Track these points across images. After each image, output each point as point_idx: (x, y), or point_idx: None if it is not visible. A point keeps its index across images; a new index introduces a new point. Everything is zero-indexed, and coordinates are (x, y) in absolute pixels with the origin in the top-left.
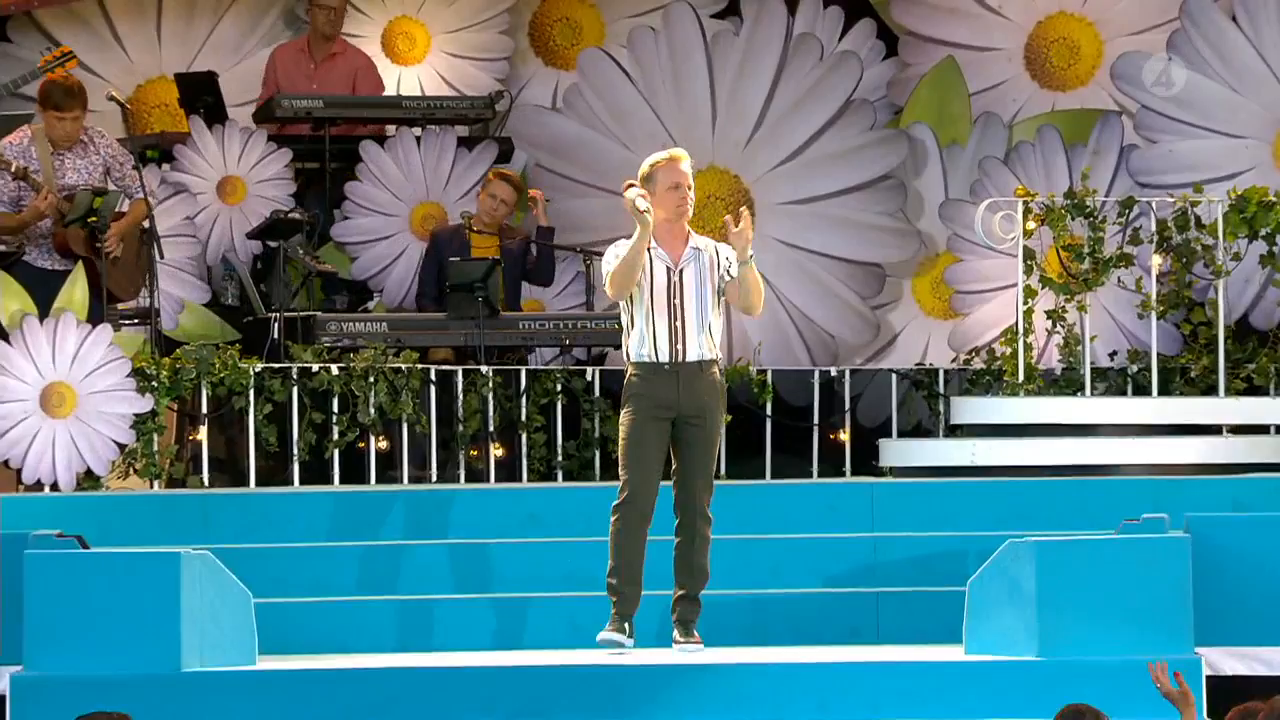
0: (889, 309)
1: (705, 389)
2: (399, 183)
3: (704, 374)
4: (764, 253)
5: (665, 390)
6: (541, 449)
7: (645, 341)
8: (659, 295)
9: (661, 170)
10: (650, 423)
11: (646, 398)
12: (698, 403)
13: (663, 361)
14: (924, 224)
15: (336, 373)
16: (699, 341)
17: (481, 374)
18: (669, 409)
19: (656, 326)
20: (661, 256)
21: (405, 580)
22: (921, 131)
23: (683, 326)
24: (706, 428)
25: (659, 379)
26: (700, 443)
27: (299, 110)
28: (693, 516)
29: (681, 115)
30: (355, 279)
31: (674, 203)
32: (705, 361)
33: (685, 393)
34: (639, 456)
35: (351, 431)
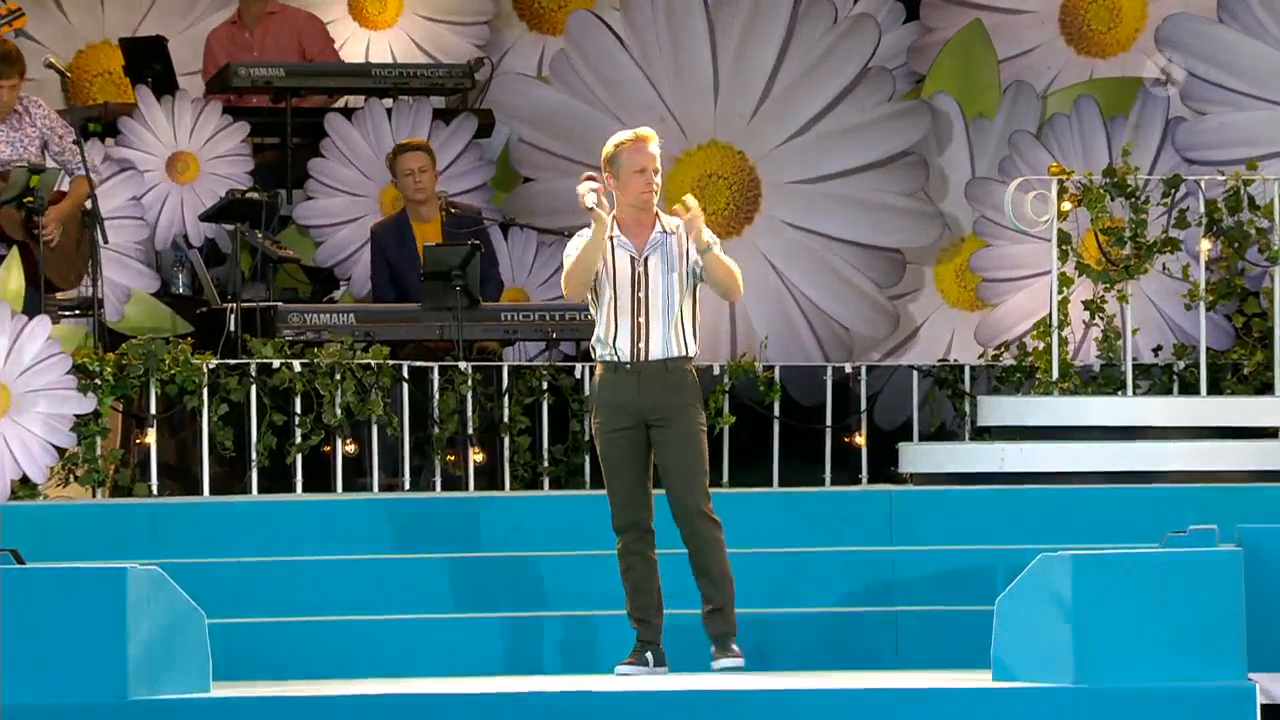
0: (909, 299)
1: (667, 387)
2: (368, 160)
3: (668, 373)
4: (771, 237)
5: (626, 393)
6: (526, 454)
7: (607, 340)
8: (622, 288)
9: (626, 151)
10: (619, 434)
11: (610, 406)
12: (659, 402)
13: (624, 361)
14: (948, 205)
15: (299, 369)
16: (665, 338)
17: (460, 371)
18: (632, 415)
19: (619, 323)
20: (625, 245)
21: (376, 599)
22: (945, 103)
23: (646, 322)
24: (676, 425)
25: (620, 381)
26: (672, 442)
27: (257, 79)
28: (688, 520)
29: (680, 85)
30: (320, 266)
31: (638, 188)
32: (672, 360)
33: (645, 395)
34: (616, 473)
35: (316, 434)
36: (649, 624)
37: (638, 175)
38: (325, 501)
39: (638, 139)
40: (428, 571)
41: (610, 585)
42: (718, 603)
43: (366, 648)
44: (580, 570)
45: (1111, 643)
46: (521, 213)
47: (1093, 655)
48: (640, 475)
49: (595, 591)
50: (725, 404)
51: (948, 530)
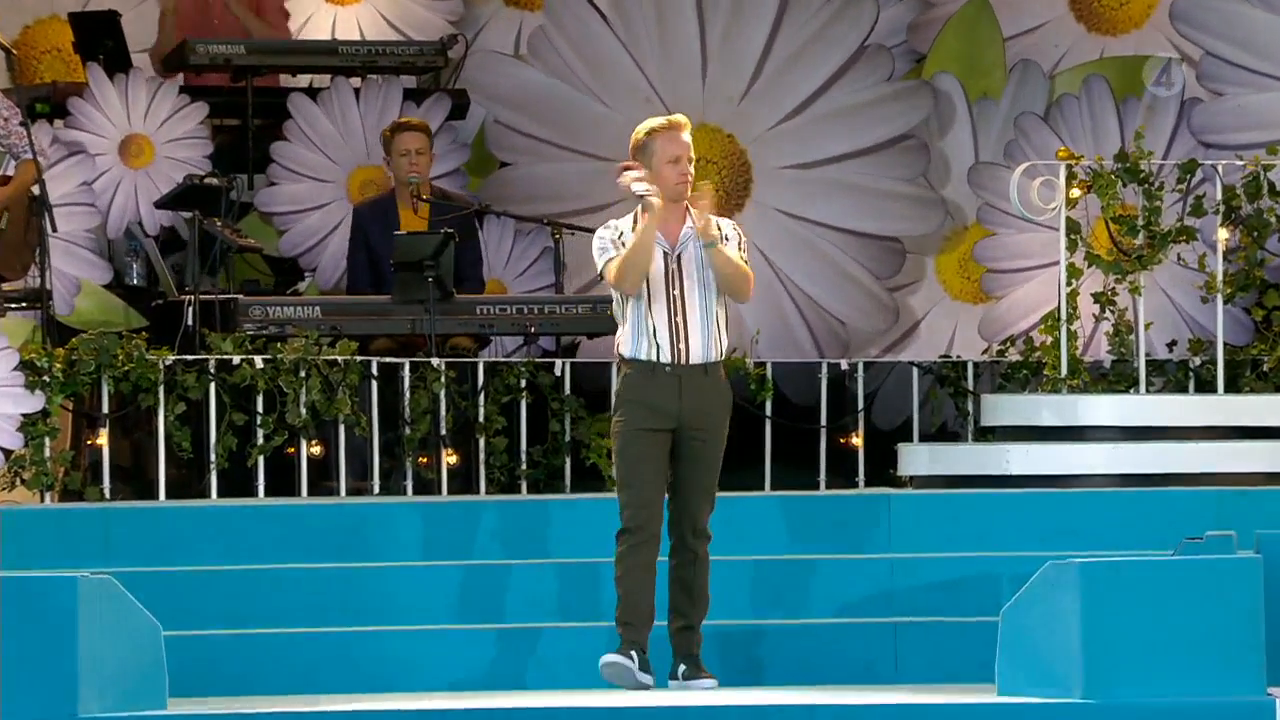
0: (909, 291)
1: (711, 397)
2: (334, 143)
3: (709, 379)
4: (763, 225)
5: (665, 397)
6: (503, 456)
7: (642, 338)
8: (656, 284)
9: (660, 139)
10: (647, 435)
11: (642, 405)
12: (703, 414)
13: (663, 362)
14: (950, 192)
15: (261, 366)
16: (704, 340)
17: (432, 367)
18: (669, 418)
19: (655, 321)
20: (657, 239)
21: (342, 609)
22: (947, 83)
23: (684, 322)
24: (713, 444)
25: (657, 383)
26: (705, 459)
27: (216, 57)
28: (693, 539)
29: (667, 64)
30: (283, 255)
31: (674, 179)
32: (711, 363)
33: (689, 401)
34: (638, 474)
35: (279, 435)
36: (638, 630)
37: (671, 165)
38: (289, 506)
39: (671, 125)
40: (398, 581)
41: (595, 594)
42: (695, 620)
43: (333, 662)
44: (562, 579)
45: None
46: (498, 199)
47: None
48: (661, 479)
49: (579, 601)
50: None
51: (949, 536)
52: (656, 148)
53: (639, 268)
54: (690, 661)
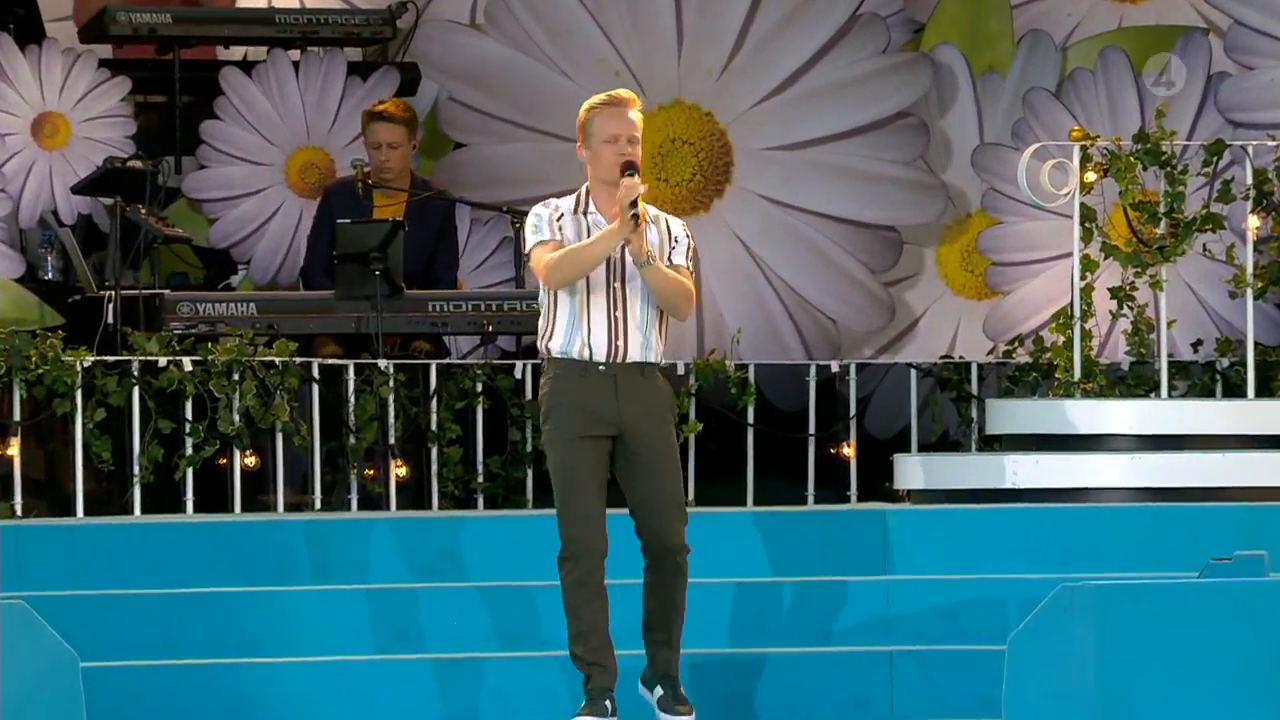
0: (906, 286)
1: (647, 397)
2: (271, 122)
3: (647, 380)
4: (744, 213)
5: (600, 399)
6: (457, 467)
7: (574, 334)
8: (595, 276)
9: (599, 116)
10: (583, 443)
11: (575, 409)
12: (645, 418)
13: (597, 361)
14: (951, 176)
15: (190, 368)
16: (644, 338)
17: (379, 370)
18: (608, 424)
19: (591, 316)
20: (599, 225)
21: (281, 637)
22: (949, 55)
23: (624, 317)
24: (659, 446)
25: (591, 384)
26: (661, 467)
27: (139, 26)
28: (669, 556)
29: (638, 34)
30: (214, 246)
31: (612, 159)
32: (649, 365)
33: (626, 404)
34: (577, 488)
35: (210, 445)
36: (603, 668)
37: (608, 145)
38: (221, 524)
39: (611, 101)
40: (342, 605)
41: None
42: (674, 635)
43: (270, 695)
44: (522, 603)
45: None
46: (451, 184)
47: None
48: (603, 493)
49: (539, 629)
50: (691, 409)
51: (951, 556)
52: (595, 126)
53: (579, 272)
54: (668, 685)
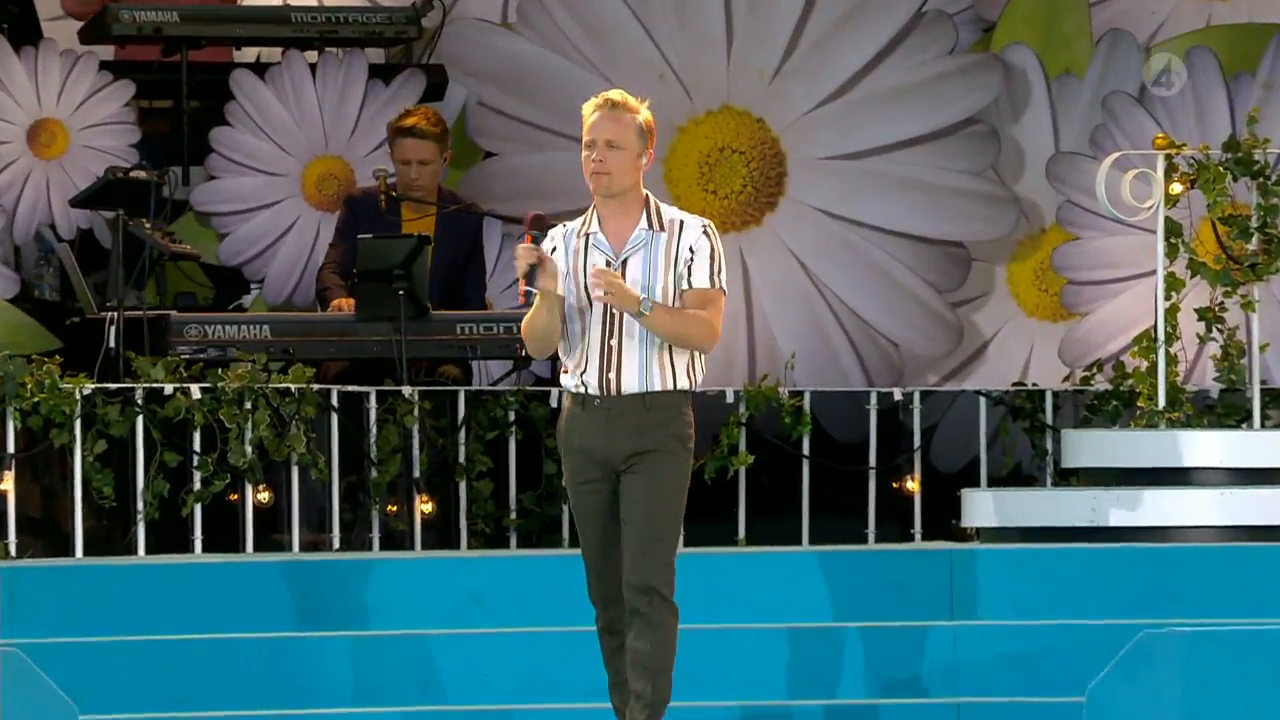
0: (975, 307)
1: (643, 428)
2: (286, 129)
3: (647, 412)
4: (799, 228)
5: (594, 436)
6: (488, 503)
7: (575, 365)
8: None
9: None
10: (584, 490)
11: (575, 452)
12: (632, 446)
13: (591, 395)
14: (1024, 187)
15: (198, 396)
16: (643, 366)
17: (404, 398)
18: (600, 464)
19: (589, 344)
20: (599, 244)
21: (293, 688)
22: (1021, 56)
23: (619, 345)
24: (647, 475)
25: (588, 420)
26: (640, 494)
27: (143, 25)
28: (637, 596)
29: (684, 34)
30: (224, 264)
31: (585, 169)
32: (653, 394)
33: (619, 439)
34: (582, 540)
35: (220, 479)
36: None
37: (585, 151)
38: (231, 564)
39: (592, 105)
40: (362, 653)
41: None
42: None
43: None
44: (558, 650)
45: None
46: (481, 196)
47: None
48: (613, 540)
49: (577, 677)
50: (741, 440)
51: (1024, 600)
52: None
53: (539, 346)
54: None
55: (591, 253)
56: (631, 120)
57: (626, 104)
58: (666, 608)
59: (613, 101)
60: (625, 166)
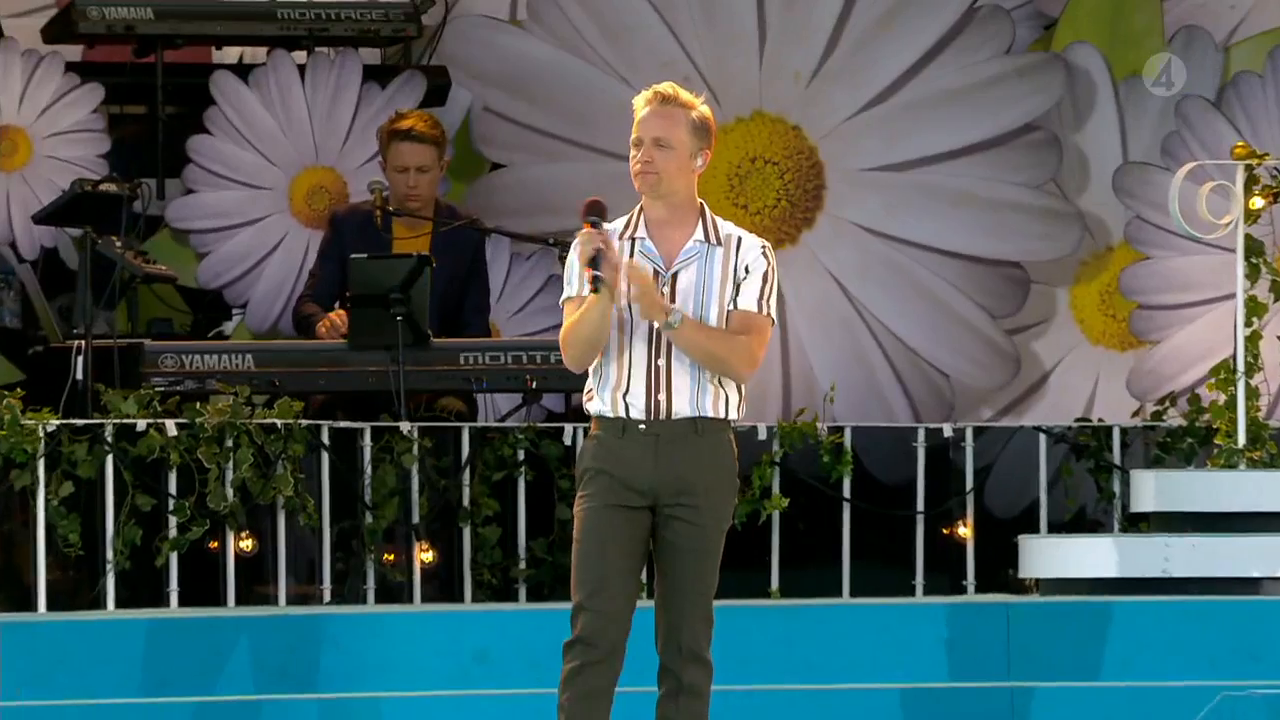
0: (1035, 334)
1: (696, 460)
2: (272, 137)
3: (699, 438)
4: (839, 246)
5: (636, 464)
6: (494, 551)
7: (609, 388)
8: (635, 317)
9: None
10: (612, 513)
11: (607, 475)
12: (682, 480)
13: (635, 419)
14: (1089, 201)
15: (175, 433)
16: (695, 389)
17: (402, 435)
18: (641, 494)
19: (631, 366)
20: (648, 252)
21: None
22: (1086, 56)
23: (668, 366)
24: (697, 520)
25: (627, 447)
26: (688, 542)
27: (114, 23)
28: (675, 658)
29: (712, 32)
30: (203, 287)
31: (633, 169)
32: (705, 420)
33: (665, 467)
34: (596, 566)
35: (198, 525)
36: None
37: (632, 150)
38: (211, 619)
39: (641, 99)
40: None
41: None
42: None
43: None
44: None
45: None
46: (487, 212)
47: None
48: (633, 576)
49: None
50: (775, 481)
51: (1088, 658)
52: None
53: (586, 349)
54: None
55: (638, 258)
56: (683, 116)
57: (678, 97)
58: (706, 672)
59: (662, 95)
60: (676, 166)
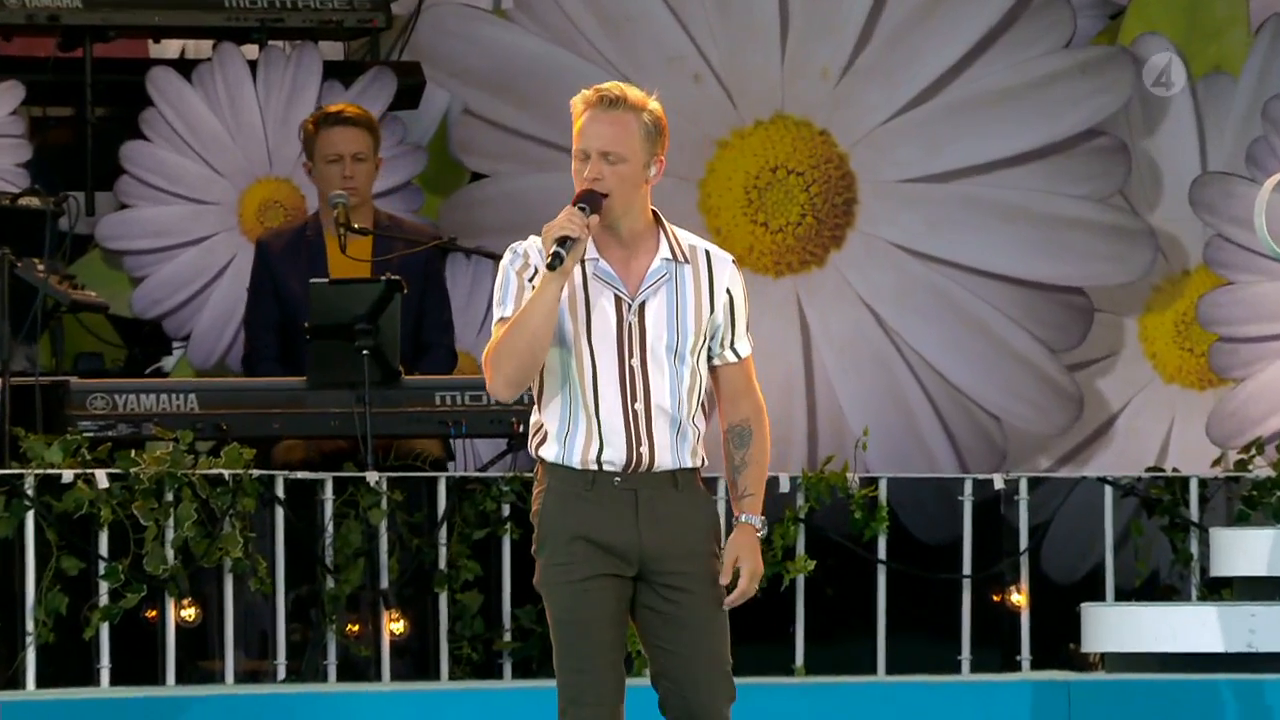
0: (1100, 370)
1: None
2: (218, 143)
3: (682, 493)
4: (872, 267)
5: (614, 526)
6: (475, 621)
7: (576, 433)
8: (604, 351)
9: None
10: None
11: (578, 540)
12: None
13: (609, 470)
14: (1161, 217)
15: (106, 485)
16: (675, 436)
17: (368, 487)
18: (628, 561)
19: (600, 406)
20: (605, 276)
21: None
22: (1158, 50)
23: (647, 409)
24: (702, 592)
25: (601, 504)
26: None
27: (35, 12)
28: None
29: (726, 24)
30: (140, 317)
31: (577, 183)
32: (684, 471)
33: (650, 530)
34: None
35: (133, 591)
36: None
37: (575, 162)
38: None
39: (580, 102)
40: None
41: None
42: None
43: None
44: None
45: None
46: (467, 229)
47: None
48: (620, 651)
49: None
50: (799, 541)
51: None
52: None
53: (525, 353)
54: None
55: (593, 286)
56: (635, 122)
57: (626, 98)
58: None
59: (609, 97)
60: (629, 182)
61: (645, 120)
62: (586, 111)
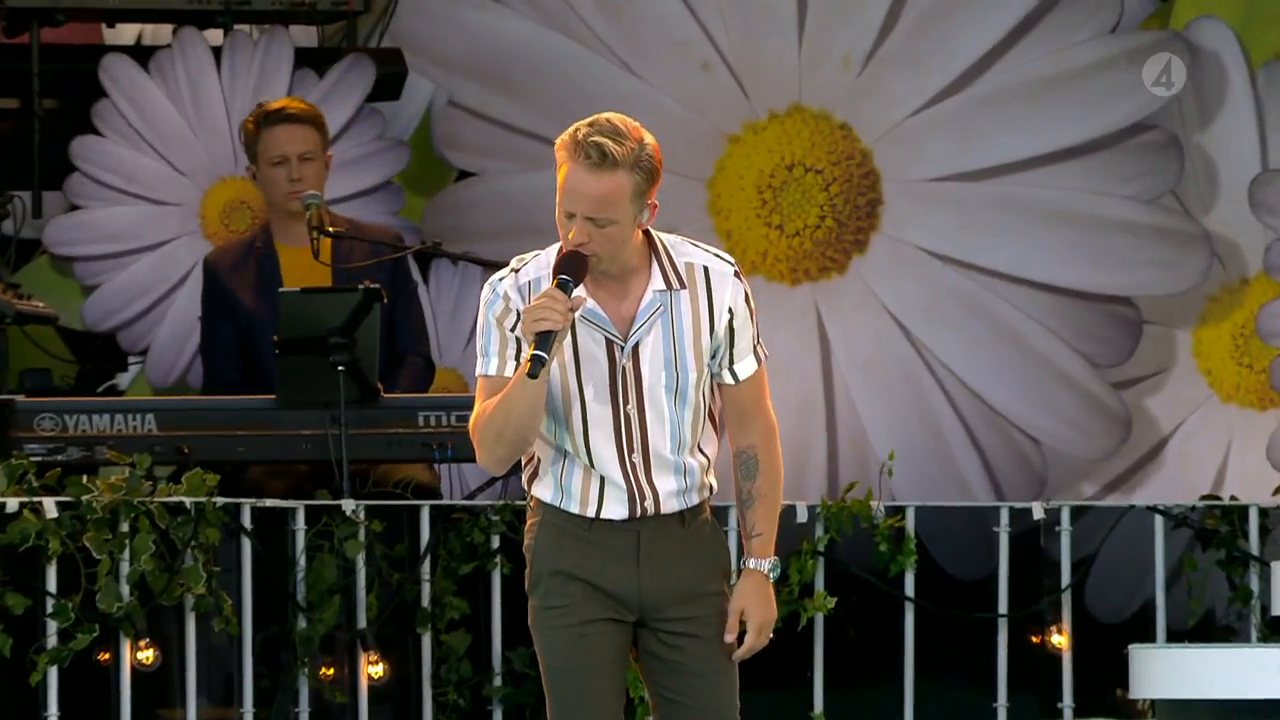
0: (1150, 388)
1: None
2: (179, 138)
3: (688, 531)
4: (899, 276)
5: (616, 570)
6: (462, 664)
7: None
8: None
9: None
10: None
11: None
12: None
13: (607, 517)
14: (1218, 220)
15: (55, 514)
16: (679, 474)
17: (345, 516)
18: (628, 607)
19: (596, 455)
20: (594, 317)
21: None
22: (1214, 35)
23: (646, 460)
24: (704, 632)
25: (601, 546)
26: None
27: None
28: None
29: (737, 8)
30: (92, 329)
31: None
32: (691, 510)
33: (652, 573)
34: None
35: (85, 632)
36: None
37: (560, 216)
38: None
39: (563, 149)
40: None
41: None
42: None
43: None
44: None
45: None
46: (453, 233)
47: None
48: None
49: None
50: (819, 576)
51: None
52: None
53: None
54: None
55: (581, 329)
56: (626, 182)
57: (615, 155)
58: None
59: (597, 153)
60: (618, 241)
61: (637, 179)
62: (570, 165)
